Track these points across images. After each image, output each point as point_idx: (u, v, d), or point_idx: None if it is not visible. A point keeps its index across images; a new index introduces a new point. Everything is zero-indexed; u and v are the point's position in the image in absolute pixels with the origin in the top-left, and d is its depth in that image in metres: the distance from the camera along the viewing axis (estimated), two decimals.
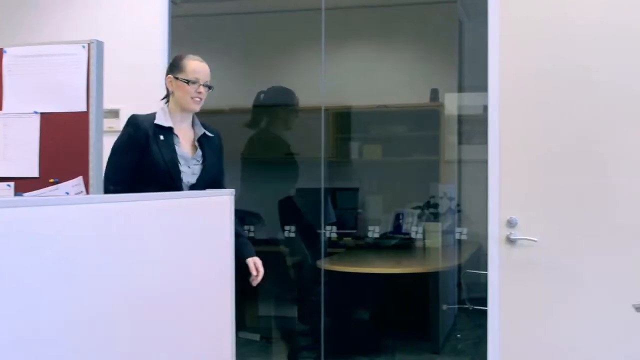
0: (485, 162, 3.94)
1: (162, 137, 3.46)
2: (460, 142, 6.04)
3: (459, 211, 6.01)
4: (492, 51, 3.93)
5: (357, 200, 6.55)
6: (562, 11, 3.84)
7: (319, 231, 5.72)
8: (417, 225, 6.16)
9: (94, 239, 1.91)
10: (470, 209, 5.95)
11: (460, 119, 6.07)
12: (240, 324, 5.80)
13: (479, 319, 4.20)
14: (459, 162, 6.08)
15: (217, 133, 3.71)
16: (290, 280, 6.02)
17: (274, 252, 5.98)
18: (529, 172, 3.87)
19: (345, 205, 6.51)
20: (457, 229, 5.82)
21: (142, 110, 4.49)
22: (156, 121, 3.48)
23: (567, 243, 3.80)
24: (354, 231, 6.42)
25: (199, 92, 3.49)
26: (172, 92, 3.55)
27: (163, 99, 3.64)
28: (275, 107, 6.12)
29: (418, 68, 6.69)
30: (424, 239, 6.07)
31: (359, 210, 6.56)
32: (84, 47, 3.61)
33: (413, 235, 6.15)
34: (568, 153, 3.81)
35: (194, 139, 3.60)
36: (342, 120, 6.59)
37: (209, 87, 3.54)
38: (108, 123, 4.26)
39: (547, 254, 3.81)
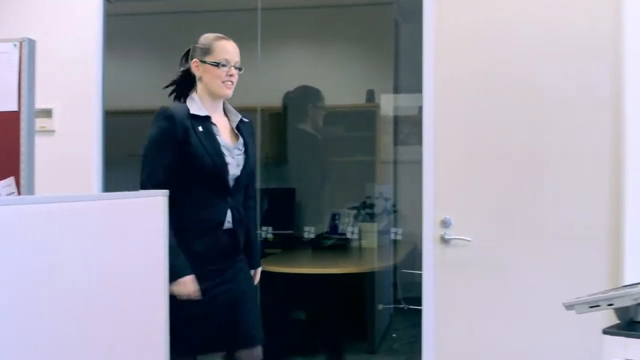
0: (420, 162, 3.97)
1: (200, 128, 3.13)
2: (395, 143, 6.09)
3: (394, 211, 6.06)
4: (427, 53, 3.96)
5: (294, 200, 6.54)
6: (496, 15, 3.89)
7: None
8: (353, 226, 6.17)
9: (26, 241, 1.88)
10: (406, 209, 6.00)
11: (396, 119, 6.13)
12: None
13: (414, 318, 4.24)
14: (395, 162, 6.13)
15: (250, 119, 3.43)
16: None
17: None
18: (463, 173, 3.91)
19: (282, 205, 6.50)
20: (393, 229, 5.86)
21: (75, 110, 4.44)
22: (192, 111, 3.14)
23: (500, 243, 3.85)
24: (290, 231, 6.41)
25: (231, 75, 3.21)
26: (200, 78, 3.22)
27: (171, 94, 3.34)
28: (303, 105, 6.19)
29: (354, 69, 6.71)
30: (359, 239, 6.09)
31: (295, 211, 6.56)
32: (15, 45, 3.54)
33: (349, 235, 6.16)
34: (501, 154, 3.86)
35: (231, 126, 3.31)
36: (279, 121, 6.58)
37: (239, 69, 3.26)
38: (40, 123, 4.21)
39: (480, 253, 3.86)
